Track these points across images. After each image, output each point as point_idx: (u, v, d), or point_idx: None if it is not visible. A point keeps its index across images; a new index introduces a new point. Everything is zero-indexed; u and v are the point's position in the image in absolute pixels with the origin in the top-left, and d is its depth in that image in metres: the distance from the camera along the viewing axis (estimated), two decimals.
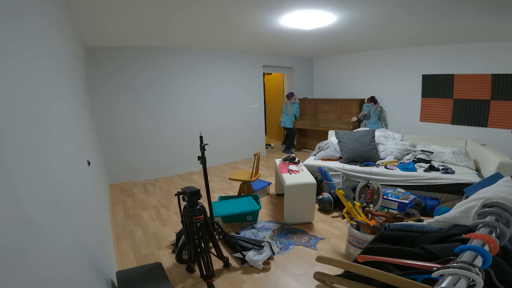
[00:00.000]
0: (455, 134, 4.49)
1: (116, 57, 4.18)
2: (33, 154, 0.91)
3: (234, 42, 4.38)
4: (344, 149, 3.85)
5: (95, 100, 4.08)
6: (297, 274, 2.17)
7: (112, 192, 4.16)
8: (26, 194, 0.76)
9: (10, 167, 0.69)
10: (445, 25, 3.24)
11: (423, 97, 4.93)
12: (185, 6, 2.48)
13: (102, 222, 2.43)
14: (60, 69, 1.77)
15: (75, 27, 2.88)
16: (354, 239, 2.28)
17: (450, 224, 1.00)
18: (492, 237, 0.72)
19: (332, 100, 5.98)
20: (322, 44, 4.71)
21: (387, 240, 1.04)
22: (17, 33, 0.96)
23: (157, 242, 2.71)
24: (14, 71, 0.87)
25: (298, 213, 2.94)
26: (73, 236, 1.17)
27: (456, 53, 4.39)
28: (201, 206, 1.98)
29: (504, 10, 2.57)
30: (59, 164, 1.25)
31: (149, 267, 1.76)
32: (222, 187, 4.24)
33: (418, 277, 0.76)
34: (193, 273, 2.19)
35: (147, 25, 3.08)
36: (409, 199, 2.89)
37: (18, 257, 0.61)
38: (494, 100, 4.12)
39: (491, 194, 0.92)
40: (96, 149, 3.57)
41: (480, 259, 0.65)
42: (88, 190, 2.03)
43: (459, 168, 3.25)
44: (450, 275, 0.61)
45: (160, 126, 4.75)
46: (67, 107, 1.82)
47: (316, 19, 2.97)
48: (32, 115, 0.99)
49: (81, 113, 2.66)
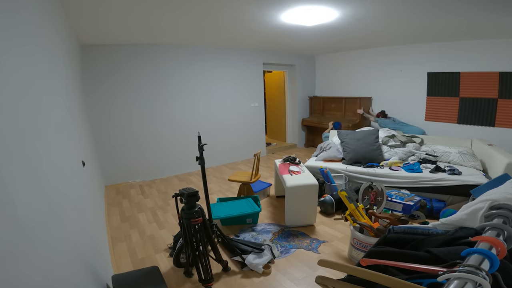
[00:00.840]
0: (461, 133, 4.49)
1: (111, 54, 4.19)
2: (26, 155, 0.91)
3: (233, 39, 4.39)
4: (347, 149, 3.85)
5: (89, 98, 4.08)
6: (299, 278, 2.17)
7: (107, 194, 4.16)
8: (19, 198, 0.76)
9: (2, 169, 0.69)
10: (446, 21, 3.25)
11: (428, 96, 4.92)
12: (177, 6, 2.50)
13: (98, 224, 2.43)
14: (54, 65, 1.77)
15: (70, 24, 2.88)
16: (357, 242, 2.28)
17: (456, 226, 1.00)
18: (500, 240, 0.72)
19: (337, 98, 6.17)
20: (324, 41, 4.72)
21: (391, 243, 1.04)
22: (9, 30, 0.96)
23: (154, 245, 2.71)
24: (5, 68, 0.87)
25: (300, 216, 2.94)
26: (68, 240, 1.17)
27: (461, 51, 4.39)
28: (200, 208, 1.98)
29: (505, 6, 2.58)
30: (53, 165, 1.25)
31: (146, 271, 1.76)
32: (221, 189, 4.24)
33: (423, 281, 0.76)
34: (191, 277, 2.19)
35: (141, 22, 3.10)
36: (414, 200, 2.89)
37: (10, 262, 0.61)
38: (501, 98, 4.11)
39: (499, 195, 0.92)
40: (91, 149, 3.58)
41: (487, 263, 0.65)
42: (83, 192, 2.03)
43: (466, 169, 3.25)
44: (456, 279, 0.61)
45: (157, 125, 4.75)
46: (61, 104, 1.83)
47: (318, 15, 2.97)
48: (24, 114, 0.99)
49: (76, 110, 2.66)
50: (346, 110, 5.94)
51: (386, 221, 2.35)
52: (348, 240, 2.53)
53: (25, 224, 0.75)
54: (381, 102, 5.67)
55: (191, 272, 2.22)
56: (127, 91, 4.41)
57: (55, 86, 1.71)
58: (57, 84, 1.78)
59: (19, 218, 0.72)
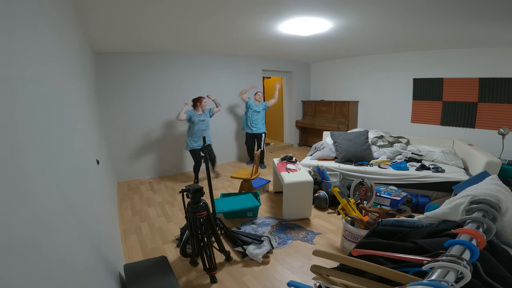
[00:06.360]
0: (444, 134, 4.49)
1: (124, 58, 4.19)
2: (46, 154, 0.92)
3: (237, 47, 4.39)
4: (340, 149, 3.85)
5: (104, 103, 4.08)
6: (295, 267, 2.17)
7: (120, 190, 4.16)
8: (39, 191, 0.76)
9: (25, 166, 0.70)
10: (431, 32, 3.26)
11: (414, 100, 4.92)
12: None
13: (111, 218, 2.43)
14: (70, 70, 1.77)
15: (85, 34, 2.88)
16: (348, 234, 2.28)
17: (440, 219, 1.00)
18: (479, 232, 0.72)
19: (328, 102, 6.20)
20: (319, 49, 4.71)
21: (380, 235, 1.04)
22: (30, 44, 0.96)
23: (162, 237, 2.71)
24: (25, 74, 0.87)
25: (296, 210, 2.94)
26: (83, 230, 1.17)
27: (445, 59, 4.39)
28: (204, 203, 1.98)
29: (485, 19, 2.58)
30: (70, 163, 1.26)
31: (155, 261, 1.76)
32: (224, 185, 4.23)
33: (409, 270, 0.76)
34: (196, 266, 2.19)
35: (154, 32, 3.09)
36: (400, 196, 2.89)
37: (33, 248, 0.62)
38: (481, 102, 4.12)
39: (479, 191, 0.92)
40: (105, 149, 3.58)
41: (468, 253, 0.65)
42: (97, 187, 2.03)
43: (449, 167, 3.25)
44: (440, 268, 0.61)
45: (166, 128, 4.74)
46: (78, 108, 1.83)
47: (313, 26, 2.96)
48: (44, 117, 0.99)
49: (91, 114, 2.66)
50: (336, 112, 5.99)
51: (375, 214, 2.35)
52: (340, 232, 2.53)
53: (44, 215, 0.75)
54: (369, 106, 5.68)
55: (196, 261, 2.22)
56: (139, 97, 4.41)
57: (72, 92, 1.71)
58: (74, 90, 1.78)
59: (39, 210, 0.72)
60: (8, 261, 0.50)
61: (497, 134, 3.56)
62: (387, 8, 2.42)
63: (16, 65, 0.79)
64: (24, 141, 0.73)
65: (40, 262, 0.64)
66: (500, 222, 0.86)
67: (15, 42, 0.80)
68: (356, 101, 5.83)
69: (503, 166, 3.12)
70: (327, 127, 5.81)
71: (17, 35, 0.83)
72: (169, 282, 1.54)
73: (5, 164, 0.58)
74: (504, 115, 3.90)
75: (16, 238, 0.55)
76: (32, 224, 0.65)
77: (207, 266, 1.98)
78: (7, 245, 0.51)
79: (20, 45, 0.85)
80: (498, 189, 0.91)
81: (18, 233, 0.57)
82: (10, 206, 0.56)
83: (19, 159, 0.67)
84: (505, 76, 3.82)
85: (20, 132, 0.72)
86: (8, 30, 0.76)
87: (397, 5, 2.33)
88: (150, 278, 1.56)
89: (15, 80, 0.75)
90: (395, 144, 3.95)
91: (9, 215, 0.55)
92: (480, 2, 2.15)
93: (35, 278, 0.59)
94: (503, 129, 3.48)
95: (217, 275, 2.05)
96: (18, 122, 0.72)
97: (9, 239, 0.52)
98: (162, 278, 1.57)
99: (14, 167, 0.63)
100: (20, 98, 0.77)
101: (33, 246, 0.62)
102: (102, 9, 2.25)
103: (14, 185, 0.61)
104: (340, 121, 5.81)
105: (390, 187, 3.08)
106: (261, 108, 4.98)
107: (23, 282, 0.54)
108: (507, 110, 3.87)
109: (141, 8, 2.29)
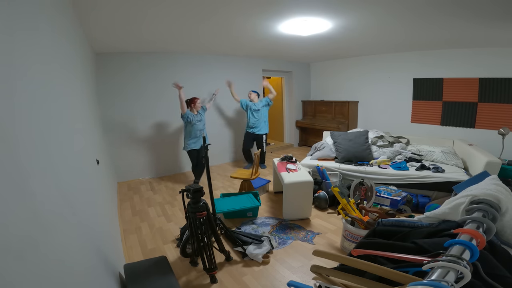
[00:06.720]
0: (444, 134, 4.48)
1: (123, 58, 4.19)
2: (46, 154, 0.92)
3: (237, 47, 4.38)
4: (340, 149, 3.85)
5: (104, 103, 4.08)
6: (295, 267, 2.17)
7: (120, 190, 4.16)
8: (39, 191, 0.76)
9: (26, 166, 0.69)
10: (431, 32, 3.25)
11: (414, 100, 4.92)
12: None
13: (111, 218, 2.43)
14: (71, 70, 1.77)
15: (85, 34, 2.88)
16: (348, 234, 2.28)
17: (440, 219, 1.00)
18: (479, 232, 0.72)
19: (328, 102, 6.19)
20: (319, 49, 4.71)
21: (379, 235, 1.04)
22: (32, 44, 0.96)
23: (162, 237, 2.71)
24: (27, 76, 0.87)
25: (296, 210, 2.93)
26: (83, 230, 1.17)
27: (445, 59, 4.39)
28: (204, 203, 1.97)
29: (485, 19, 2.58)
30: (70, 164, 1.25)
31: (155, 261, 1.76)
32: (224, 185, 4.23)
33: (409, 270, 0.76)
34: (196, 266, 2.19)
35: (157, 31, 3.09)
36: (400, 196, 2.89)
37: (32, 248, 0.62)
38: (481, 102, 4.11)
39: (479, 191, 0.92)
40: (105, 149, 3.57)
41: (468, 253, 0.65)
42: (97, 187, 2.03)
43: (449, 167, 3.24)
44: (440, 268, 0.61)
45: (166, 129, 4.74)
46: (78, 108, 1.82)
47: (313, 26, 2.96)
48: (45, 117, 0.99)
49: (91, 115, 2.66)
50: (336, 112, 5.98)
51: (375, 214, 2.35)
52: (340, 232, 2.53)
53: (43, 215, 0.75)
54: (369, 106, 5.67)
55: (196, 261, 2.22)
56: (139, 97, 4.41)
57: (72, 92, 1.71)
58: (74, 91, 1.78)
59: (38, 210, 0.72)
60: (7, 261, 0.49)
61: (497, 134, 3.56)
62: (387, 8, 2.42)
63: (17, 65, 0.78)
64: (24, 141, 0.73)
65: (39, 263, 0.64)
66: (500, 222, 0.86)
67: (16, 42, 0.80)
68: (356, 101, 5.83)
69: (503, 166, 3.11)
70: (327, 127, 5.81)
71: (18, 35, 0.83)
72: (169, 282, 1.53)
73: (5, 163, 0.58)
74: (504, 115, 3.89)
75: (15, 238, 0.55)
76: (31, 224, 0.65)
77: (207, 266, 1.98)
78: (6, 245, 0.51)
79: (21, 45, 0.85)
80: (498, 189, 0.91)
81: (17, 233, 0.57)
82: (9, 206, 0.56)
83: (19, 159, 0.67)
84: (505, 76, 3.82)
85: (20, 132, 0.71)
86: (9, 30, 0.76)
87: (397, 5, 2.33)
88: (150, 278, 1.56)
89: (16, 80, 0.75)
90: (395, 144, 3.95)
91: (8, 215, 0.55)
92: (480, 2, 2.15)
93: (34, 278, 0.59)
94: (503, 129, 3.48)
95: (217, 275, 2.05)
96: (19, 122, 0.72)
97: (7, 239, 0.52)
98: (162, 278, 1.56)
99: (14, 167, 0.63)
100: (20, 98, 0.77)
101: (32, 246, 0.62)
102: (102, 10, 2.25)
103: (13, 184, 0.60)
104: (340, 121, 5.80)
105: (390, 187, 3.08)
106: (260, 106, 4.85)
107: (22, 282, 0.54)
108: (507, 110, 3.86)
109: (143, 8, 2.29)
